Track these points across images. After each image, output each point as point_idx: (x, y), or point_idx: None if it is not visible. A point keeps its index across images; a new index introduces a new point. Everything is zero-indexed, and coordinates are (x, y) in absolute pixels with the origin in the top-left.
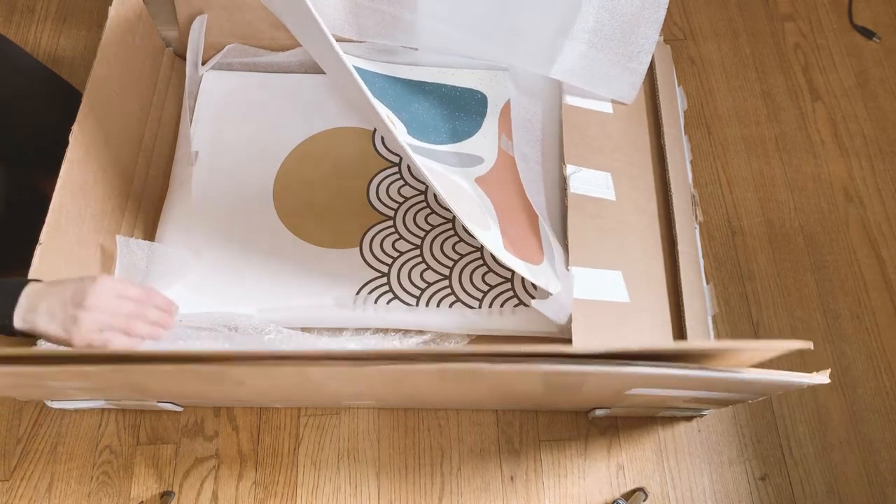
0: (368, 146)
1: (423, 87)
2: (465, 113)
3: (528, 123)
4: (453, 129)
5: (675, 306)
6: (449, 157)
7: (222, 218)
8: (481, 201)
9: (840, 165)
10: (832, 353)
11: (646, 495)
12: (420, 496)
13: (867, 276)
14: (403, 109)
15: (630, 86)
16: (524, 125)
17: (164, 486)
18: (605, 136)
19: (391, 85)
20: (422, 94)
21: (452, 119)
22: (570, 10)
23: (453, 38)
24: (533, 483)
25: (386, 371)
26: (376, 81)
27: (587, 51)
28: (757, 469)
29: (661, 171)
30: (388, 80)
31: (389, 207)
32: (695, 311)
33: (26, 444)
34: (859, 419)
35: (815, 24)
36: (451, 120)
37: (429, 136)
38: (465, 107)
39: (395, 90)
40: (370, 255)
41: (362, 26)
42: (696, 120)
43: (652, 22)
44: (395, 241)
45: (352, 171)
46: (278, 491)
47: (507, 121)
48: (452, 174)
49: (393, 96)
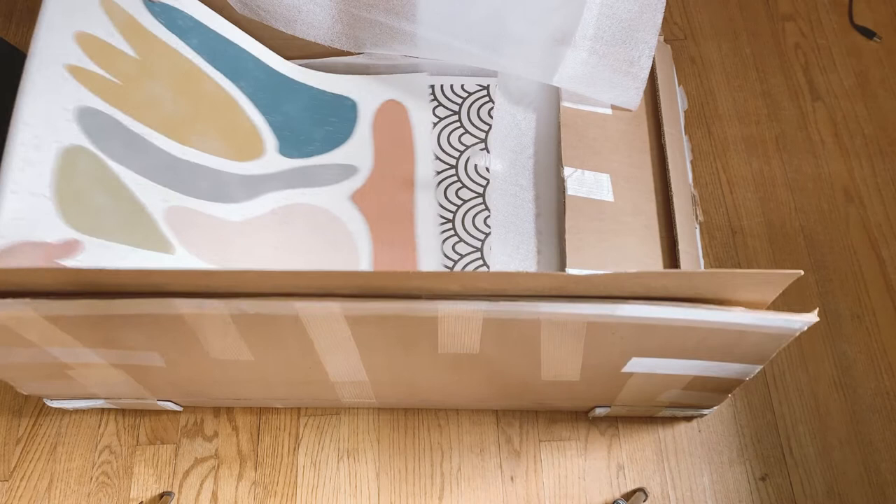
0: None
1: (294, 86)
2: (337, 119)
3: (517, 129)
4: (326, 135)
5: None
6: (321, 173)
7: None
8: (346, 226)
9: (840, 165)
10: (832, 352)
11: (646, 495)
12: (420, 496)
13: (867, 276)
14: (276, 111)
15: (634, 91)
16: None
17: (163, 486)
18: (604, 137)
19: (270, 78)
20: (294, 94)
21: (324, 124)
22: (571, 18)
23: (453, 49)
24: (533, 483)
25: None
26: (259, 73)
27: (589, 58)
28: (757, 469)
29: (661, 172)
30: (269, 73)
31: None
32: None
33: (26, 444)
34: (860, 419)
35: (815, 23)
36: (323, 125)
37: (301, 146)
38: (337, 112)
39: (274, 83)
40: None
41: (359, 38)
42: (697, 120)
43: (651, 26)
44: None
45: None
46: (278, 491)
47: (384, 127)
48: (317, 198)
49: (270, 92)
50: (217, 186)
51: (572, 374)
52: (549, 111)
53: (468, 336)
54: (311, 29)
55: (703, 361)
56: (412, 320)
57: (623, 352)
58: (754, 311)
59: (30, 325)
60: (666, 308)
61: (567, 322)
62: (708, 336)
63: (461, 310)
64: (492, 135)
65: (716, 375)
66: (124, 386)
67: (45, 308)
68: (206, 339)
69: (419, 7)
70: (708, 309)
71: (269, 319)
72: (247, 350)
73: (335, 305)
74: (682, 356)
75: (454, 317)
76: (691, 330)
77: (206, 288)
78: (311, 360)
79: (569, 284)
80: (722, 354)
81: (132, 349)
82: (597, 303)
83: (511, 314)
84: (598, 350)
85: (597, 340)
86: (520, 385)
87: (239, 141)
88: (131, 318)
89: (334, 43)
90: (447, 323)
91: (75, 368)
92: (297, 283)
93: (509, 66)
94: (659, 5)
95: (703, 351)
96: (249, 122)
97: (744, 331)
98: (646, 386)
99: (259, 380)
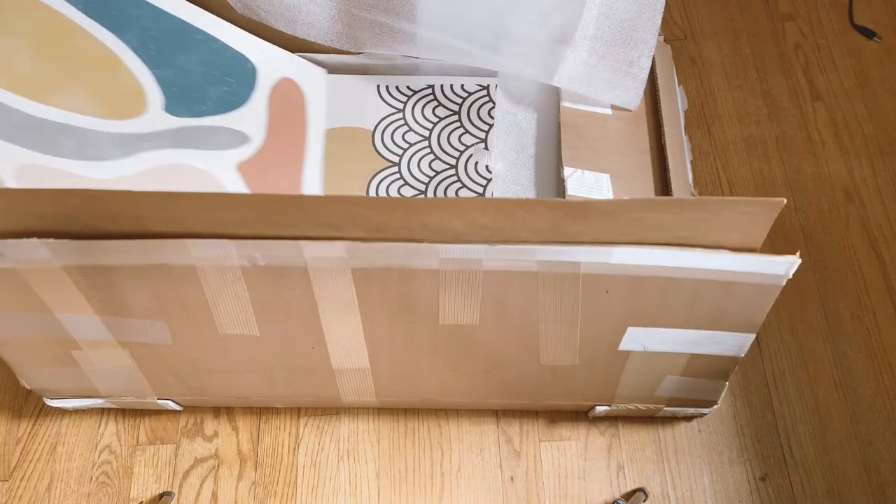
0: (368, 146)
1: (194, 34)
2: (235, 80)
3: (518, 129)
4: (221, 95)
5: None
6: (211, 135)
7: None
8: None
9: (840, 165)
10: (832, 353)
11: (646, 495)
12: (420, 496)
13: (867, 276)
14: (167, 64)
15: (634, 91)
16: (514, 130)
17: (163, 486)
18: (604, 137)
19: (162, 26)
20: (190, 45)
21: (221, 83)
22: (571, 18)
23: (453, 49)
24: (533, 483)
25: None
26: (149, 22)
27: (589, 58)
28: (757, 469)
29: (661, 172)
30: (161, 20)
31: None
32: None
33: (26, 445)
34: (860, 419)
35: (815, 24)
36: (219, 84)
37: (191, 104)
38: (235, 73)
39: (166, 33)
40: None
41: (358, 38)
42: (697, 120)
43: (650, 26)
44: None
45: (351, 170)
46: (278, 491)
47: (280, 102)
48: (202, 162)
49: (161, 43)
50: (83, 145)
51: (570, 356)
52: (549, 111)
53: (468, 300)
54: (311, 29)
55: (696, 331)
56: (415, 274)
57: (618, 320)
58: (739, 254)
59: (45, 277)
60: (657, 252)
61: (563, 276)
62: (697, 291)
63: (461, 258)
64: (492, 134)
65: (710, 353)
66: (127, 376)
67: (61, 251)
68: (215, 301)
69: (419, 7)
70: (696, 251)
71: (278, 273)
72: (253, 320)
73: (341, 247)
74: (674, 324)
75: (455, 270)
76: (681, 283)
77: (216, 221)
78: (314, 335)
79: (566, 219)
80: (712, 320)
81: (140, 317)
82: (592, 246)
83: (509, 262)
84: (594, 318)
85: (592, 304)
86: (519, 375)
87: (116, 98)
88: (145, 269)
89: (334, 43)
90: (447, 279)
91: (82, 349)
92: (303, 209)
93: (509, 66)
94: (659, 5)
95: (694, 318)
96: (131, 78)
97: (730, 282)
98: (644, 371)
99: (261, 369)
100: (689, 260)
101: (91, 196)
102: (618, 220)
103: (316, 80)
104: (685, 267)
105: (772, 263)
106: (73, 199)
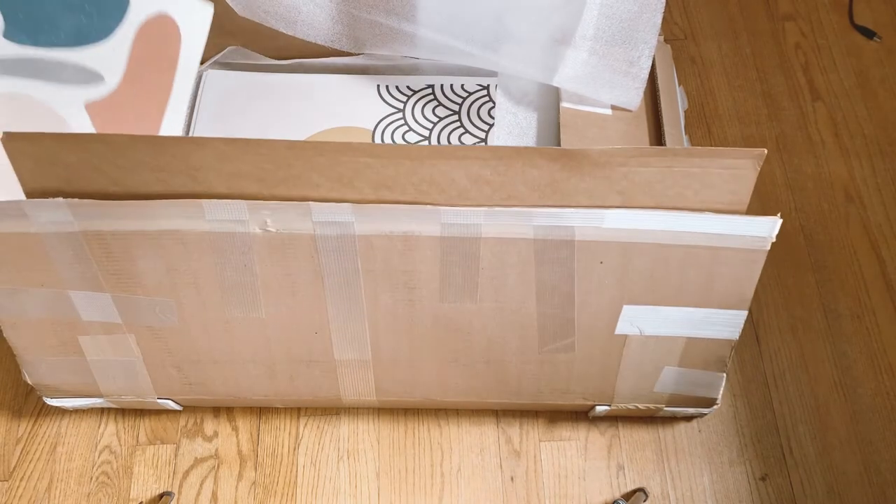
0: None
1: None
2: (96, 11)
3: (518, 129)
4: (78, 27)
5: None
6: (56, 69)
7: None
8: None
9: (840, 165)
10: (832, 353)
11: (646, 495)
12: (420, 496)
13: (867, 276)
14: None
15: (634, 91)
16: (514, 130)
17: (163, 486)
18: (604, 137)
19: None
20: None
21: (79, 12)
22: (571, 18)
23: (453, 49)
24: (533, 483)
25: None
26: None
27: (589, 58)
28: (757, 469)
29: None
30: None
31: None
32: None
33: (26, 445)
34: (860, 419)
35: (815, 23)
36: (77, 13)
37: (37, 33)
38: (98, 2)
39: None
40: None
41: (358, 38)
42: (697, 120)
43: (651, 26)
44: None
45: None
46: (278, 491)
47: (148, 42)
48: (43, 94)
49: None
50: None
51: (568, 342)
52: (549, 111)
53: (468, 276)
54: (311, 29)
55: (689, 309)
56: (417, 242)
57: (613, 298)
58: (725, 215)
59: (64, 244)
60: (648, 215)
61: (559, 244)
62: (686, 259)
63: (462, 223)
64: (492, 134)
65: (705, 336)
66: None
67: (82, 213)
68: (224, 276)
69: (419, 7)
70: (684, 214)
71: (287, 241)
72: (260, 299)
73: (347, 208)
74: (667, 300)
75: (456, 237)
76: (671, 250)
77: (234, 173)
78: (318, 317)
79: (562, 172)
80: (703, 295)
81: (150, 294)
82: (586, 209)
83: (507, 227)
84: (590, 295)
85: (587, 278)
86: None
87: None
88: (161, 235)
89: (334, 43)
90: (448, 249)
91: (89, 333)
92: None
93: (509, 66)
94: (659, 5)
95: (685, 292)
96: None
97: (718, 247)
98: (642, 361)
99: (263, 360)
100: (678, 223)
101: (114, 141)
102: (611, 174)
103: (198, 16)
104: (674, 231)
105: (755, 223)
106: (97, 144)
